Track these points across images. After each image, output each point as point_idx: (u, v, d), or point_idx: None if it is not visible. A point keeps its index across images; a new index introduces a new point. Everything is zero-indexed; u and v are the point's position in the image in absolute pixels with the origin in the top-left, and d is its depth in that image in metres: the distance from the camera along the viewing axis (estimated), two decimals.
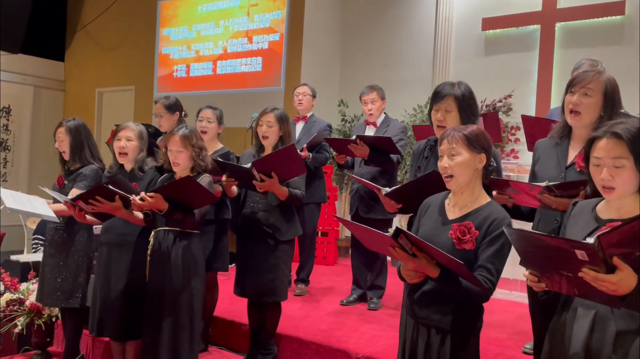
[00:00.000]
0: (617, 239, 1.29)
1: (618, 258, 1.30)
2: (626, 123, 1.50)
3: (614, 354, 1.45)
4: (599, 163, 1.51)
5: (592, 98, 1.93)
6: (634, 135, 1.46)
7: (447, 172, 1.84)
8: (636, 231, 1.27)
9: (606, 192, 1.51)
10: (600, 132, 1.51)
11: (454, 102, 2.25)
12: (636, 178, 1.47)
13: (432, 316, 1.85)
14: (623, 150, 1.46)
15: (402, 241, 1.67)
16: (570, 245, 1.32)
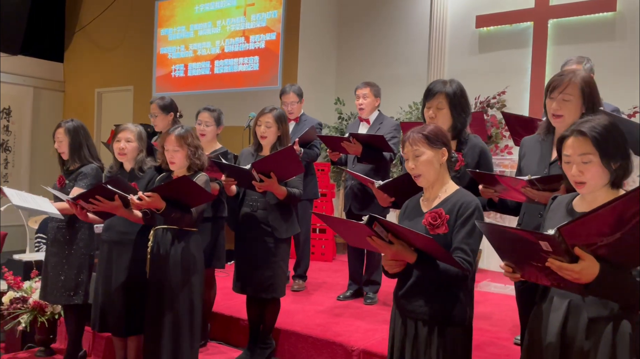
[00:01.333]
0: (577, 230, 1.36)
1: (580, 248, 1.38)
2: (592, 121, 1.58)
3: (587, 340, 1.52)
4: (568, 160, 1.59)
5: (571, 102, 2.01)
6: (599, 132, 1.54)
7: (415, 172, 1.94)
8: (596, 223, 1.34)
9: (578, 187, 1.58)
10: (568, 130, 1.59)
11: (445, 99, 2.32)
12: (604, 172, 1.55)
13: (418, 309, 1.92)
14: (589, 147, 1.54)
15: (377, 228, 1.74)
16: (534, 236, 1.40)
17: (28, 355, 3.61)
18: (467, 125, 2.35)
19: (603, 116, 1.64)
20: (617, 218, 1.34)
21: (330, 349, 3.02)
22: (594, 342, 1.52)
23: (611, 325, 1.51)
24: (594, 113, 1.99)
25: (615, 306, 1.52)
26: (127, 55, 7.99)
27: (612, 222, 1.35)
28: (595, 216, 1.35)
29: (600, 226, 1.36)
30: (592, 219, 1.36)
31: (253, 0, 6.58)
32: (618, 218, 1.34)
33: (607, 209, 1.33)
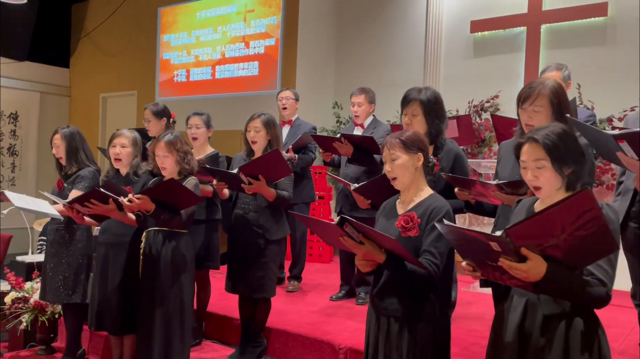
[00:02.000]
0: (523, 231, 1.45)
1: (527, 249, 1.46)
2: (547, 128, 1.66)
3: (542, 337, 1.61)
4: (524, 165, 1.67)
5: (541, 112, 2.09)
6: (551, 139, 1.62)
7: (391, 175, 2.04)
8: (540, 225, 1.43)
9: (535, 191, 1.67)
10: (524, 138, 1.68)
11: (420, 106, 2.41)
12: (557, 177, 1.63)
13: (390, 306, 2.01)
14: (541, 153, 1.63)
15: (347, 229, 1.84)
16: (485, 237, 1.49)
17: (30, 353, 3.72)
18: (443, 131, 2.44)
19: (558, 124, 1.72)
20: (560, 221, 1.42)
21: (318, 347, 3.11)
22: (549, 339, 1.60)
23: (564, 322, 1.60)
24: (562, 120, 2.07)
25: (568, 304, 1.60)
26: (131, 60, 8.14)
27: (556, 224, 1.43)
28: (539, 218, 1.44)
29: (545, 228, 1.44)
30: (537, 221, 1.44)
31: (253, 7, 6.70)
32: (561, 221, 1.42)
33: (550, 212, 1.42)
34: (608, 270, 1.56)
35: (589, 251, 1.50)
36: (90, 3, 8.71)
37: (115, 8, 8.18)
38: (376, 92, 5.54)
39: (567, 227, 1.43)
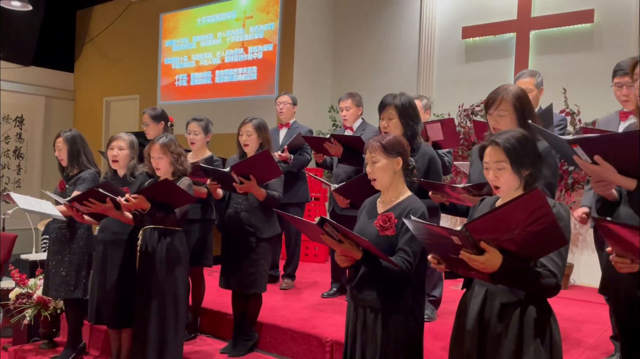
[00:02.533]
0: (481, 226, 1.59)
1: (485, 242, 1.61)
2: (508, 133, 1.81)
3: (499, 323, 1.75)
4: (487, 166, 1.82)
5: (506, 117, 2.24)
6: (511, 143, 1.78)
7: (371, 177, 2.19)
8: (497, 220, 1.58)
9: (496, 190, 1.82)
10: (487, 141, 1.83)
11: (395, 110, 2.57)
12: (515, 178, 1.78)
13: (366, 298, 2.16)
14: (502, 155, 1.78)
15: (327, 228, 1.99)
16: (447, 232, 1.63)
17: (33, 347, 3.89)
18: (418, 134, 2.59)
19: (519, 129, 1.87)
20: (514, 217, 1.57)
21: (306, 341, 3.25)
22: (505, 325, 1.75)
23: (519, 310, 1.74)
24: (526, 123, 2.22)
25: (523, 294, 1.74)
26: (134, 65, 8.32)
27: (510, 220, 1.57)
28: (495, 215, 1.59)
29: (500, 223, 1.59)
30: (493, 217, 1.59)
31: (251, 14, 6.87)
32: (515, 217, 1.57)
33: (504, 209, 1.56)
34: (558, 262, 1.71)
35: (540, 245, 1.65)
36: (94, 9, 8.91)
37: (118, 14, 8.38)
38: (371, 96, 5.70)
39: (521, 223, 1.57)
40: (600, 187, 1.91)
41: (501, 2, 5.56)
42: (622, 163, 1.79)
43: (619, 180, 1.81)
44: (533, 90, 3.14)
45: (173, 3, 7.78)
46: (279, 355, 3.34)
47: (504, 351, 1.74)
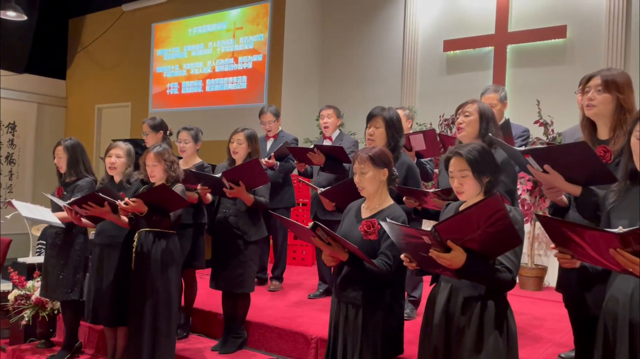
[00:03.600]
0: (448, 227, 1.81)
1: (451, 241, 1.83)
2: (469, 145, 2.05)
3: (462, 316, 1.97)
4: (452, 175, 2.05)
5: (470, 117, 2.48)
6: (472, 154, 2.01)
7: (359, 185, 2.41)
8: (461, 222, 1.80)
9: (459, 195, 2.05)
10: (451, 153, 2.06)
11: (383, 121, 2.81)
12: (477, 185, 2.01)
13: (349, 294, 2.38)
14: (465, 165, 2.01)
15: (319, 232, 2.20)
16: (418, 232, 1.85)
17: (30, 347, 4.05)
18: (400, 146, 2.83)
19: (478, 142, 2.11)
20: (475, 220, 1.79)
21: (293, 338, 3.46)
22: (468, 317, 1.97)
23: (480, 304, 1.96)
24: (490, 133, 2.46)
25: (484, 289, 1.96)
26: (126, 73, 8.50)
27: (472, 222, 1.79)
28: (459, 217, 1.81)
29: (464, 225, 1.81)
30: (457, 220, 1.81)
31: (241, 25, 7.10)
32: (476, 220, 1.79)
33: (467, 213, 1.79)
34: (514, 260, 1.94)
35: (498, 245, 1.87)
36: (86, 18, 9.08)
37: (111, 23, 8.56)
38: (356, 105, 5.93)
39: (482, 224, 1.80)
40: (551, 193, 2.14)
41: (480, 18, 5.83)
42: (568, 171, 2.02)
43: (566, 187, 2.04)
44: (497, 104, 3.39)
45: (165, 13, 7.98)
46: (267, 352, 3.54)
47: (466, 341, 1.96)
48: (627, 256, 1.44)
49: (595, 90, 2.15)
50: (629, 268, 1.47)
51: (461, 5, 6.01)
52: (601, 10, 5.18)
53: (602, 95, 2.13)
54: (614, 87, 2.11)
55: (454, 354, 1.97)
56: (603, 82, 2.14)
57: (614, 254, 1.46)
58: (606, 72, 2.18)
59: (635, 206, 1.73)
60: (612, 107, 2.13)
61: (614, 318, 1.72)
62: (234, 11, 7.19)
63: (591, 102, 2.16)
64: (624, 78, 2.15)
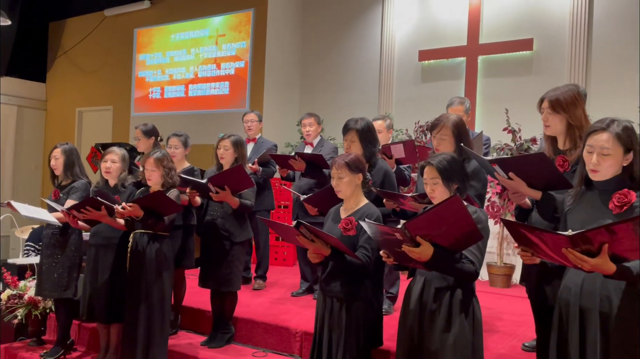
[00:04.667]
0: (417, 225, 2.07)
1: (420, 237, 2.08)
2: (440, 155, 2.31)
3: (434, 303, 2.24)
4: (425, 182, 2.31)
5: (446, 140, 2.74)
6: (442, 163, 2.28)
7: (337, 189, 2.66)
8: (428, 221, 2.05)
9: (432, 200, 2.31)
10: (424, 162, 2.31)
11: (356, 134, 3.05)
12: (446, 191, 2.28)
13: (333, 289, 2.61)
14: (435, 173, 2.27)
15: (302, 230, 2.43)
16: (391, 229, 2.10)
17: (22, 345, 4.17)
18: (376, 153, 3.07)
19: (449, 153, 2.38)
20: (440, 218, 2.05)
21: (278, 332, 3.67)
22: (438, 305, 2.23)
23: (449, 293, 2.22)
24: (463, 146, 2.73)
25: (452, 280, 2.23)
26: (107, 77, 8.59)
27: (437, 220, 2.05)
28: (426, 216, 2.06)
29: (430, 223, 2.07)
30: (424, 218, 2.07)
31: (224, 32, 7.29)
32: (441, 218, 2.05)
33: (432, 212, 2.05)
34: (477, 254, 2.20)
35: (462, 240, 2.13)
36: (67, 22, 9.13)
37: (92, 28, 8.64)
38: (335, 111, 6.18)
39: (446, 222, 2.06)
40: (515, 198, 2.42)
41: (453, 30, 6.16)
42: (530, 178, 2.30)
43: (528, 191, 2.32)
44: (462, 115, 3.67)
45: (147, 19, 8.11)
46: (254, 346, 3.74)
47: (437, 325, 2.22)
48: (577, 254, 1.70)
49: (547, 111, 2.43)
50: (578, 264, 1.73)
51: (435, 17, 6.32)
52: (565, 25, 5.54)
53: (552, 116, 2.41)
54: (560, 108, 2.38)
55: (426, 335, 2.23)
56: (550, 105, 2.41)
57: (566, 253, 1.72)
58: (552, 94, 2.42)
59: (589, 209, 2.00)
60: (564, 125, 2.40)
61: (567, 305, 1.99)
62: (216, 18, 7.38)
63: (546, 123, 2.44)
64: (568, 96, 2.39)
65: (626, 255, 1.71)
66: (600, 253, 1.67)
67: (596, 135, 1.93)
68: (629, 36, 5.28)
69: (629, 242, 1.64)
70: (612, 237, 1.64)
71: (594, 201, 1.98)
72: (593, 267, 1.70)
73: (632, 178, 1.91)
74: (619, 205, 1.86)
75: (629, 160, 1.91)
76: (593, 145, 1.93)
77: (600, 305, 1.88)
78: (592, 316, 1.89)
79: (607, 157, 1.91)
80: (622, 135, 1.90)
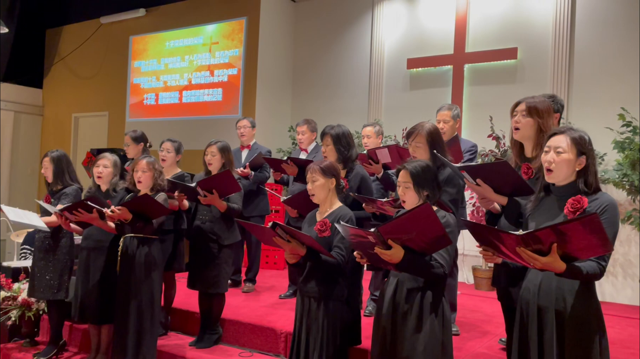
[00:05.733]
0: (388, 229, 2.19)
1: (392, 240, 2.20)
2: (415, 161, 2.44)
3: (406, 304, 2.35)
4: (399, 185, 2.44)
5: (420, 147, 2.87)
6: (416, 169, 2.40)
7: (311, 192, 2.79)
8: (399, 225, 2.18)
9: (403, 204, 2.44)
10: (401, 165, 2.44)
11: (330, 139, 3.19)
12: (416, 196, 2.40)
13: (310, 289, 2.73)
14: (408, 177, 2.40)
15: (278, 231, 2.55)
16: (364, 233, 2.22)
17: (16, 346, 4.28)
18: (352, 158, 3.21)
19: (424, 160, 2.50)
20: (410, 223, 2.17)
21: (264, 333, 3.79)
22: (410, 305, 2.35)
23: (420, 294, 2.34)
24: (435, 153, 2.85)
25: (423, 281, 2.35)
26: (103, 83, 8.71)
27: (407, 225, 2.18)
28: (397, 221, 2.19)
29: (401, 227, 2.19)
30: (396, 223, 2.19)
31: (217, 40, 7.43)
32: (411, 223, 2.17)
33: (403, 218, 2.17)
34: (446, 257, 2.33)
35: (432, 244, 2.26)
36: (64, 29, 9.27)
37: (88, 35, 8.77)
38: (326, 117, 6.31)
39: (416, 227, 2.18)
40: (484, 203, 2.55)
41: (440, 39, 6.30)
42: (495, 184, 2.43)
43: (494, 197, 2.45)
44: (450, 121, 3.79)
45: (142, 27, 8.25)
46: (240, 346, 3.86)
47: (409, 323, 2.34)
48: (528, 253, 1.83)
49: (521, 114, 2.55)
50: (531, 263, 1.86)
51: (423, 27, 6.47)
52: (548, 35, 5.69)
53: (525, 119, 2.53)
54: (535, 113, 2.51)
55: (399, 334, 2.35)
56: (527, 108, 2.53)
57: (519, 251, 1.85)
58: (530, 99, 2.57)
59: (546, 214, 2.13)
60: (534, 130, 2.52)
61: (527, 304, 2.12)
62: (210, 26, 7.52)
63: (517, 125, 2.55)
64: (545, 105, 2.54)
65: (576, 254, 1.84)
66: (550, 252, 1.80)
67: (554, 137, 2.08)
68: (610, 46, 5.43)
69: (577, 242, 1.77)
70: (560, 237, 1.77)
71: (551, 206, 2.11)
72: (544, 265, 1.82)
73: (585, 183, 2.04)
74: (573, 210, 1.99)
75: (581, 165, 2.04)
76: (550, 145, 2.08)
77: (556, 304, 2.01)
78: (549, 315, 2.02)
79: (561, 155, 2.04)
80: (578, 139, 2.04)
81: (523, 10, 5.85)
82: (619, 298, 5.17)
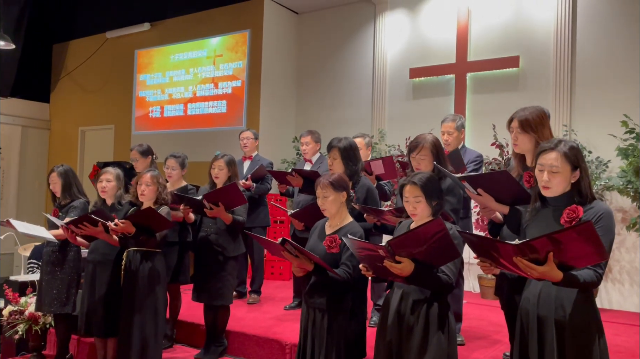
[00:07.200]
0: (400, 243, 2.19)
1: (401, 254, 2.20)
2: (420, 174, 2.44)
3: (412, 316, 2.35)
4: (406, 200, 2.44)
5: (426, 159, 2.88)
6: (424, 182, 2.40)
7: (322, 207, 2.79)
8: (410, 239, 2.18)
9: (413, 217, 2.45)
10: (405, 181, 2.45)
11: (338, 152, 3.20)
12: (428, 207, 2.41)
13: (316, 301, 2.74)
14: (418, 191, 2.40)
15: (287, 246, 2.57)
16: (374, 246, 2.23)
17: None
18: (358, 171, 3.22)
19: (427, 172, 2.52)
20: (421, 237, 2.17)
21: (269, 345, 3.80)
22: (416, 317, 2.35)
23: (426, 305, 2.34)
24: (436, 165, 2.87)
25: (429, 293, 2.35)
26: (109, 97, 8.81)
27: (419, 239, 2.18)
28: (409, 235, 2.19)
29: (413, 241, 2.19)
30: (408, 237, 2.20)
31: (221, 52, 7.50)
32: (422, 237, 2.17)
33: (415, 231, 2.18)
34: (453, 269, 2.33)
35: (441, 257, 2.26)
36: (70, 44, 9.39)
37: (94, 49, 8.88)
38: (330, 127, 6.33)
39: (427, 241, 2.18)
40: (485, 212, 2.55)
41: (442, 48, 6.33)
42: (497, 194, 2.43)
43: (496, 206, 2.45)
44: (454, 132, 3.79)
45: (147, 40, 8.35)
46: (246, 358, 3.87)
47: (415, 336, 2.33)
48: (525, 262, 1.83)
49: (517, 131, 2.55)
50: (527, 272, 1.86)
51: (425, 36, 6.51)
52: (549, 43, 5.70)
53: (522, 136, 2.52)
54: (529, 128, 2.50)
55: (405, 348, 2.34)
56: (519, 125, 2.52)
57: (516, 261, 1.85)
58: (521, 114, 2.53)
59: (543, 225, 2.13)
60: (532, 144, 2.52)
61: (527, 314, 2.11)
62: (214, 39, 7.59)
63: (515, 142, 2.57)
64: (536, 116, 2.51)
65: (573, 263, 1.84)
66: (547, 261, 1.80)
67: (546, 154, 2.07)
68: (611, 53, 5.44)
69: (573, 250, 1.78)
70: (556, 246, 1.77)
71: (548, 217, 2.11)
72: (541, 274, 1.83)
73: (580, 193, 2.05)
74: (569, 220, 2.00)
75: (576, 177, 2.05)
76: (543, 164, 2.07)
77: (555, 313, 2.00)
78: (549, 325, 2.01)
79: (556, 174, 2.05)
80: (569, 154, 2.04)
81: (524, 18, 5.88)
82: (626, 305, 5.14)
